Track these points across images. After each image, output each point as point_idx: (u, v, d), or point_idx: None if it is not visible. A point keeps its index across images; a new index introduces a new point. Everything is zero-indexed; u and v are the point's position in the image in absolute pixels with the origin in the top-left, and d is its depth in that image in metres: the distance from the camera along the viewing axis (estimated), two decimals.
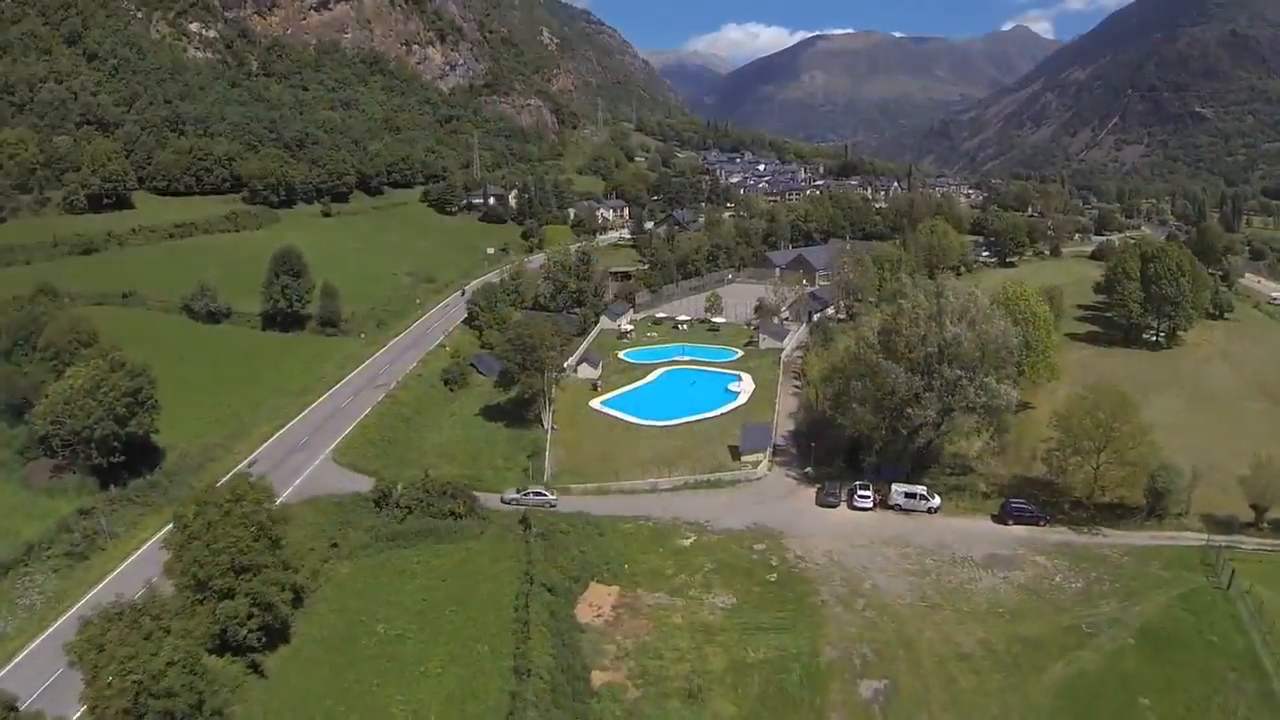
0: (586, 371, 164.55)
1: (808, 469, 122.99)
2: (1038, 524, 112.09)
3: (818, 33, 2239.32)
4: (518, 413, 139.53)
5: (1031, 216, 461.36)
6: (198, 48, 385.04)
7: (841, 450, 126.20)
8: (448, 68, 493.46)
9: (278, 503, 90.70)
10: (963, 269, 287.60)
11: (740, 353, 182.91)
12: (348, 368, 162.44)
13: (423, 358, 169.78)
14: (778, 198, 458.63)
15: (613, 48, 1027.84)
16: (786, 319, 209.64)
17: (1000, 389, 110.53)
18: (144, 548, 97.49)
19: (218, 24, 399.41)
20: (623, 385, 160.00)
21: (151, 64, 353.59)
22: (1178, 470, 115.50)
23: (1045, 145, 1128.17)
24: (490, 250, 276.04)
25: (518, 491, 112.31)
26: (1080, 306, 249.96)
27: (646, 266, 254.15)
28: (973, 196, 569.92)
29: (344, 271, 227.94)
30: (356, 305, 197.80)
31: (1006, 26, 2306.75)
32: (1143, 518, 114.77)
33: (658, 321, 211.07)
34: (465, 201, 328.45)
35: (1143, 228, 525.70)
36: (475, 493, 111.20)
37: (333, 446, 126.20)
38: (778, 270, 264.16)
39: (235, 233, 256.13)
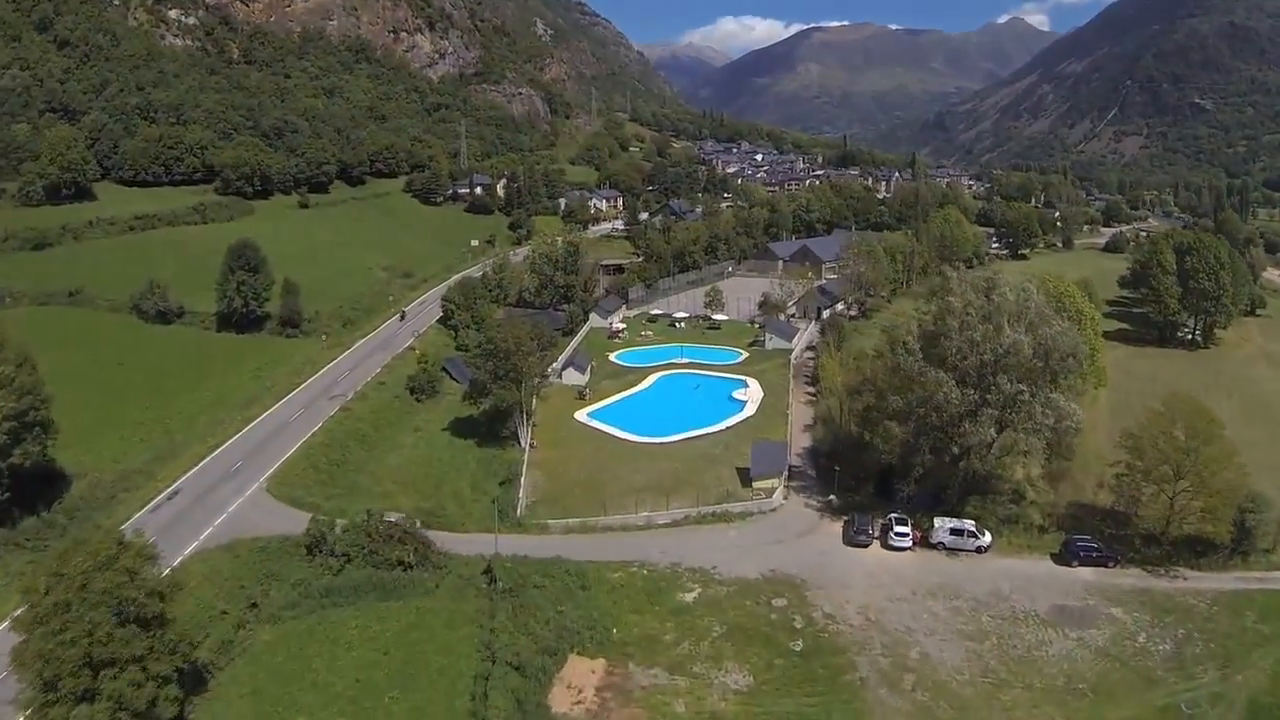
0: (573, 377, 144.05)
1: (831, 497, 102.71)
2: (1106, 565, 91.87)
3: (813, 25, 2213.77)
4: (491, 428, 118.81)
5: (1039, 208, 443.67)
6: (176, 35, 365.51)
7: (871, 474, 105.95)
8: (437, 56, 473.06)
9: (181, 557, 70.84)
10: (974, 261, 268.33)
11: (745, 354, 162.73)
12: (304, 374, 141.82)
13: (389, 363, 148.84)
14: (777, 187, 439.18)
15: (607, 39, 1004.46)
16: (794, 316, 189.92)
17: (1070, 407, 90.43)
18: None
19: (198, 11, 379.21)
20: (614, 393, 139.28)
21: (125, 51, 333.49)
22: (1267, 500, 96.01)
23: (1043, 137, 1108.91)
24: (474, 243, 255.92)
25: None
26: (1106, 302, 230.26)
27: (640, 259, 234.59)
28: (975, 187, 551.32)
29: (315, 266, 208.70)
30: (323, 303, 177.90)
31: (1002, 19, 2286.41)
32: (1226, 556, 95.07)
33: (653, 319, 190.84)
34: (451, 191, 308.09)
35: (1149, 219, 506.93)
36: (435, 531, 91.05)
37: (269, 473, 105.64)
38: (781, 262, 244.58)
39: (203, 225, 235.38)
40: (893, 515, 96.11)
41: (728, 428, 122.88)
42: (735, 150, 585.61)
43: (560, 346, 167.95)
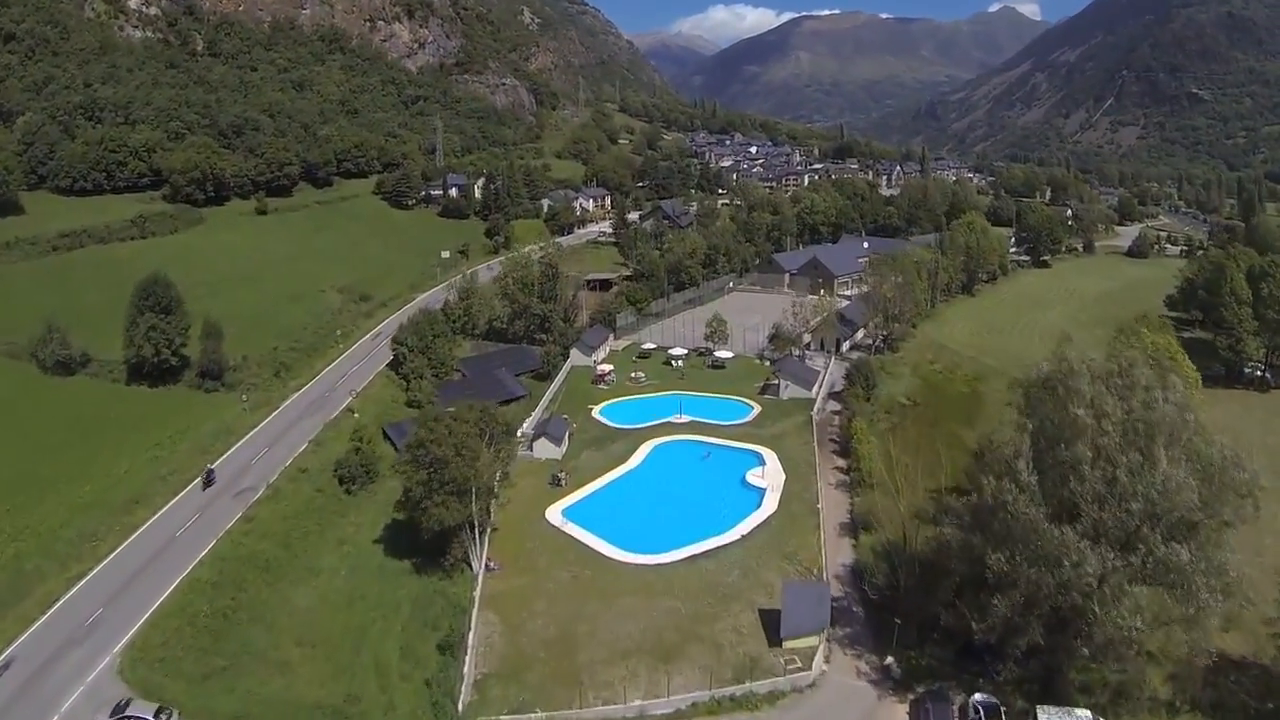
0: (546, 449, 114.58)
1: (889, 660, 74.13)
2: None
3: (804, 13, 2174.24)
4: (437, 542, 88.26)
5: (1046, 204, 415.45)
6: (135, 26, 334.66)
7: (936, 617, 76.89)
8: (416, 45, 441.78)
9: None
10: (999, 272, 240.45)
11: (756, 407, 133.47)
12: (213, 451, 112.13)
13: (318, 435, 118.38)
14: (774, 183, 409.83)
15: (596, 28, 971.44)
16: (809, 350, 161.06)
17: (1239, 580, 61.65)
18: None
19: (160, 1, 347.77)
20: (596, 474, 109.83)
21: (75, 45, 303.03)
22: None
23: (1037, 127, 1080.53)
24: (445, 254, 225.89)
25: None
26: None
27: (630, 276, 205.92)
28: (976, 181, 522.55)
29: (259, 290, 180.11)
30: (258, 342, 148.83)
31: (993, 7, 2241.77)
32: None
33: (644, 355, 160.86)
34: (424, 193, 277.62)
35: (1160, 216, 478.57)
36: None
37: (128, 637, 75.82)
38: (788, 276, 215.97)
39: (141, 240, 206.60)
40: (979, 698, 67.78)
41: (744, 536, 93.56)
42: (728, 142, 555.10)
43: (535, 395, 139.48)
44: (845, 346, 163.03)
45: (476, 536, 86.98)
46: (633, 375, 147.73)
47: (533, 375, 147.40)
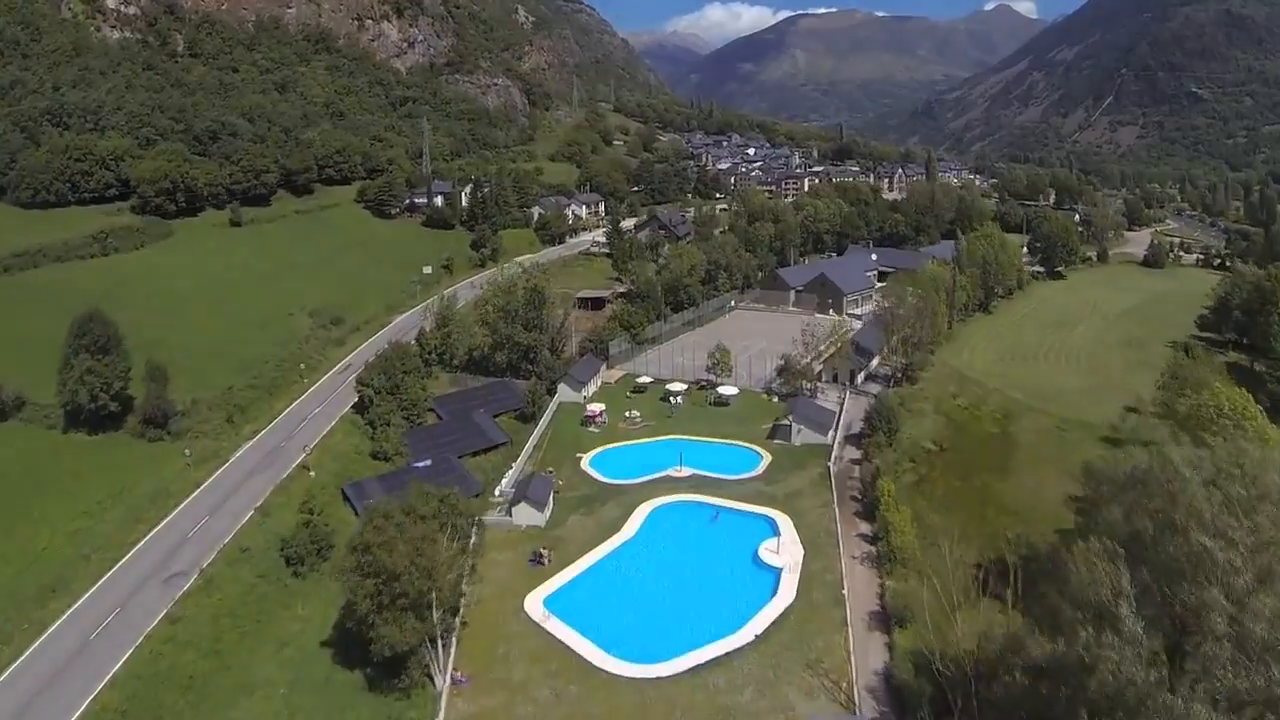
0: (528, 515, 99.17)
1: None
2: None
3: (801, 11, 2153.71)
4: (391, 665, 71.88)
5: (1051, 206, 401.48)
6: (113, 26, 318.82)
7: None
8: (405, 45, 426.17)
9: None
10: (1015, 286, 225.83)
11: (766, 457, 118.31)
12: (149, 519, 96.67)
13: (265, 500, 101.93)
14: (773, 186, 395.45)
15: (591, 27, 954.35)
16: (821, 382, 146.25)
17: None
18: None
19: (140, 0, 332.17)
20: (584, 544, 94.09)
21: (47, 47, 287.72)
22: None
23: (1035, 126, 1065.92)
24: (427, 269, 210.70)
25: None
26: (1173, 344, 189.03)
27: (624, 295, 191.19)
28: (979, 183, 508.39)
29: (223, 314, 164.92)
30: (213, 378, 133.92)
31: (989, 6, 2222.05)
32: None
33: (639, 389, 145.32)
34: (408, 201, 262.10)
35: (1167, 220, 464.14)
36: None
37: None
38: (793, 293, 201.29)
39: (104, 257, 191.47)
40: None
41: (758, 636, 78.52)
42: (725, 143, 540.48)
43: (518, 439, 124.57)
44: (860, 378, 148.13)
45: (439, 649, 71.87)
46: (627, 415, 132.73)
47: (516, 415, 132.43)
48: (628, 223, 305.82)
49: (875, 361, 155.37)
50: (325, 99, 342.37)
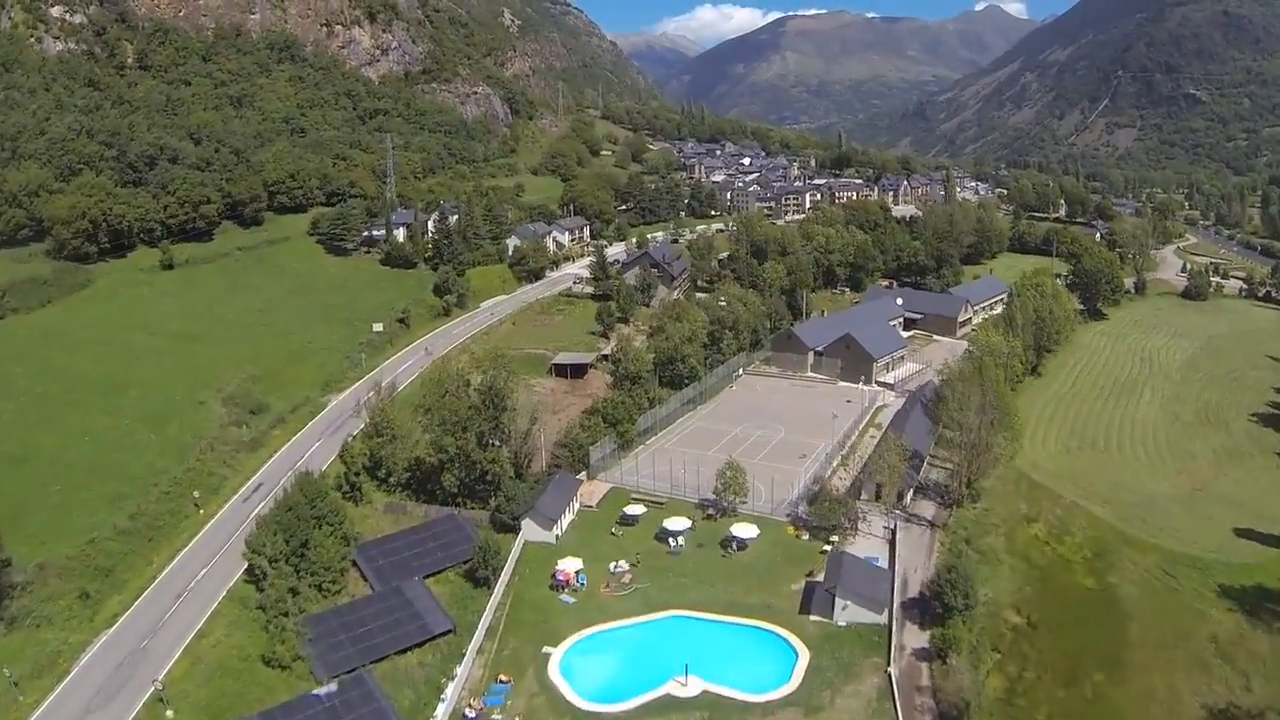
0: None
1: None
2: None
3: (790, 13, 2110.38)
4: None
5: (1061, 220, 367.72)
6: (56, 37, 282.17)
7: None
8: (378, 52, 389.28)
9: None
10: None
11: (801, 653, 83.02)
12: None
13: None
14: (773, 203, 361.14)
15: (579, 29, 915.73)
16: (861, 503, 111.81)
17: None
18: None
19: (88, 7, 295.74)
20: None
21: None
22: None
23: (1029, 128, 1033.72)
24: (378, 327, 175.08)
25: None
26: (1257, 418, 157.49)
27: (608, 354, 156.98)
28: (984, 192, 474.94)
29: (119, 403, 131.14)
30: (78, 519, 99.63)
31: (979, 6, 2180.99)
32: None
33: (628, 522, 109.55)
34: (365, 235, 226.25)
35: (1187, 235, 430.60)
36: None
37: None
38: (811, 355, 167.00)
39: None
40: None
41: None
42: (719, 152, 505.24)
43: (465, 616, 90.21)
44: (909, 495, 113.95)
45: None
46: (612, 568, 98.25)
47: (466, 572, 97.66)
48: (616, 248, 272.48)
49: (918, 457, 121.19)
50: (285, 113, 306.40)
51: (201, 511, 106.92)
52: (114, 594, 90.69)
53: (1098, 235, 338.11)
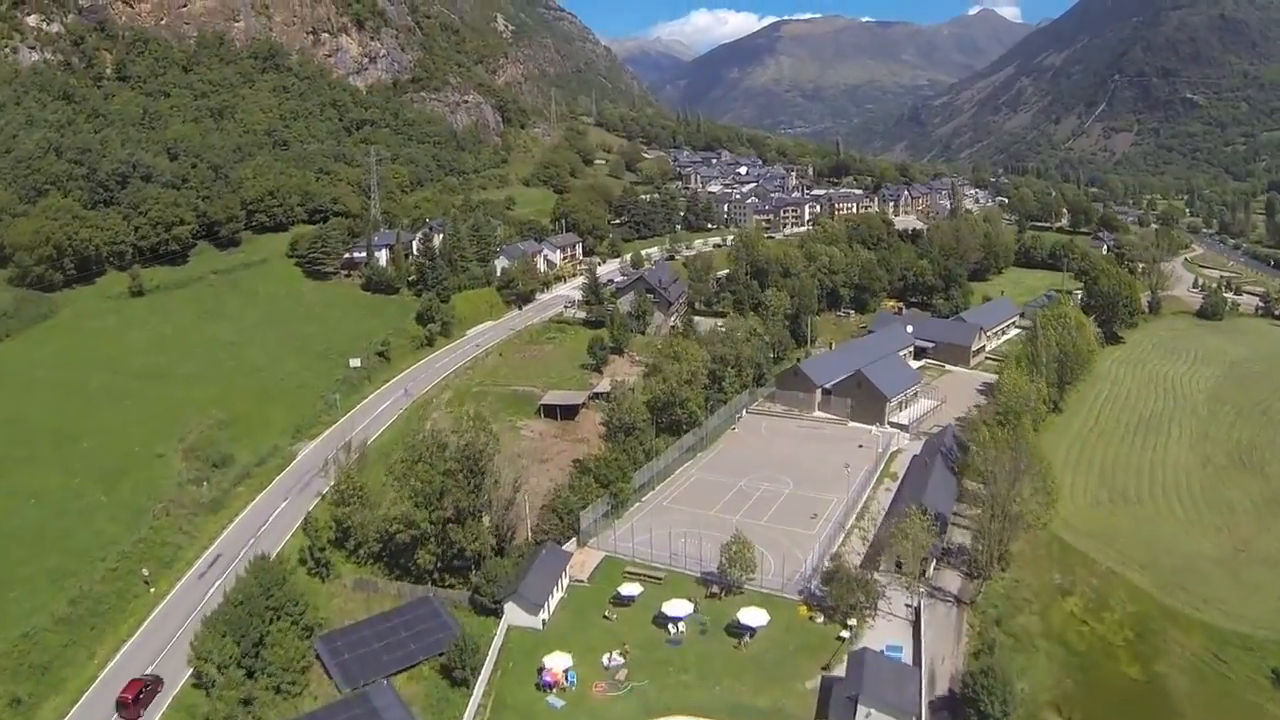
0: None
1: None
2: None
3: (785, 17, 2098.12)
4: None
5: (1066, 230, 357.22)
6: (32, 47, 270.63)
7: None
8: (366, 60, 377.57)
9: None
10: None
11: None
12: None
13: None
14: (771, 216, 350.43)
15: (573, 35, 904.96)
16: (880, 574, 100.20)
17: None
18: None
19: (66, 15, 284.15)
20: None
21: None
22: None
23: (1025, 133, 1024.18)
24: (355, 363, 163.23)
25: None
26: None
27: (601, 392, 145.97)
28: (984, 200, 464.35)
29: (70, 459, 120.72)
30: (14, 608, 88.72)
31: (973, 10, 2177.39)
32: None
33: (622, 602, 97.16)
34: (347, 257, 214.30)
35: (1193, 245, 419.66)
36: None
37: None
38: (819, 393, 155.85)
39: None
40: None
41: None
42: (715, 160, 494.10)
43: None
44: (932, 565, 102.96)
45: None
46: (605, 663, 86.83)
47: (442, 667, 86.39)
48: (610, 266, 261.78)
49: (941, 525, 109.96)
50: (268, 125, 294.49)
51: (152, 590, 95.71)
52: (51, 695, 79.94)
53: (1105, 248, 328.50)
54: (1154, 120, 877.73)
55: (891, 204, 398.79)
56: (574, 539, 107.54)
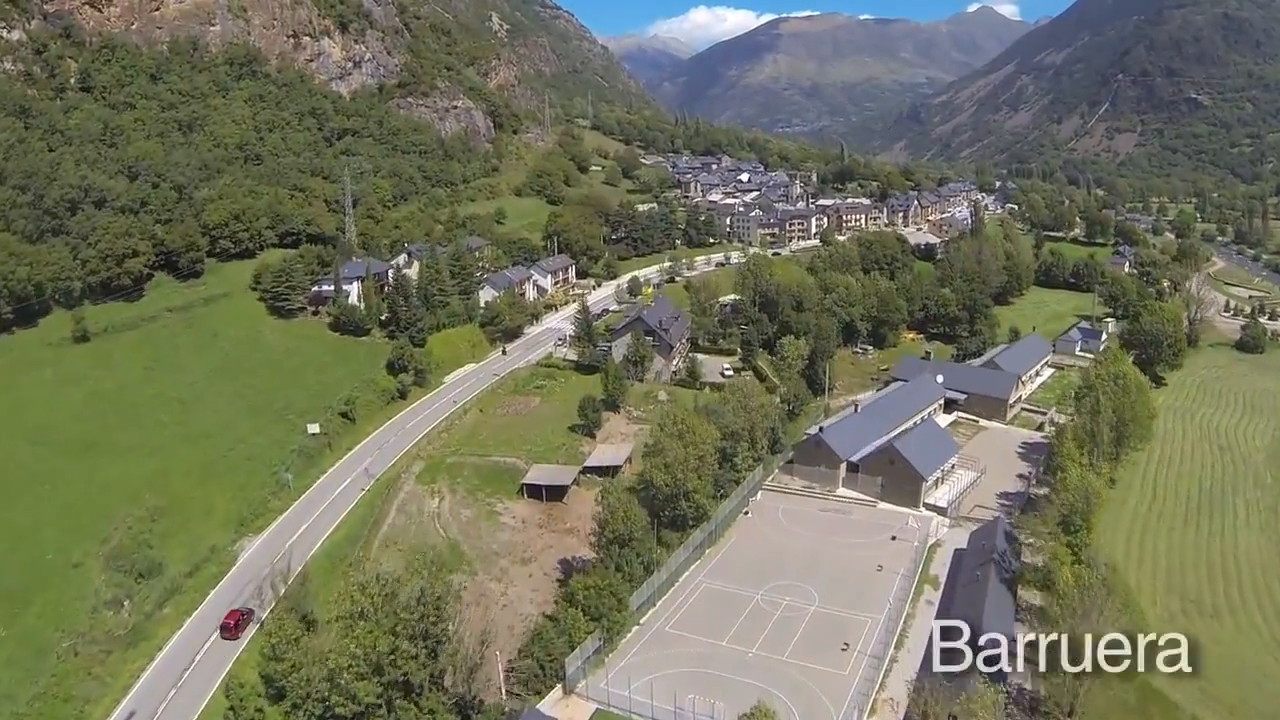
0: None
1: None
2: None
3: (783, 15, 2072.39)
4: None
5: (1076, 241, 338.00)
6: None
7: None
8: (349, 65, 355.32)
9: None
10: None
11: None
12: None
13: None
14: (776, 230, 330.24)
15: (569, 34, 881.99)
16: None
17: None
18: None
19: (29, 21, 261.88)
20: None
21: None
22: None
23: (1026, 132, 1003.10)
24: (313, 429, 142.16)
25: None
26: None
27: (596, 469, 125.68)
28: (993, 208, 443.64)
29: None
30: None
31: (971, 8, 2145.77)
32: None
33: None
34: (315, 290, 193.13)
35: (1214, 258, 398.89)
36: None
37: None
38: (844, 467, 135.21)
39: None
40: None
41: None
42: (715, 166, 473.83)
43: None
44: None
45: None
46: None
47: None
48: (605, 290, 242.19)
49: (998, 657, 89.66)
50: (240, 138, 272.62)
51: None
52: None
53: (1126, 265, 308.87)
54: (1158, 121, 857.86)
55: (901, 214, 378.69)
56: (559, 685, 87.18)
